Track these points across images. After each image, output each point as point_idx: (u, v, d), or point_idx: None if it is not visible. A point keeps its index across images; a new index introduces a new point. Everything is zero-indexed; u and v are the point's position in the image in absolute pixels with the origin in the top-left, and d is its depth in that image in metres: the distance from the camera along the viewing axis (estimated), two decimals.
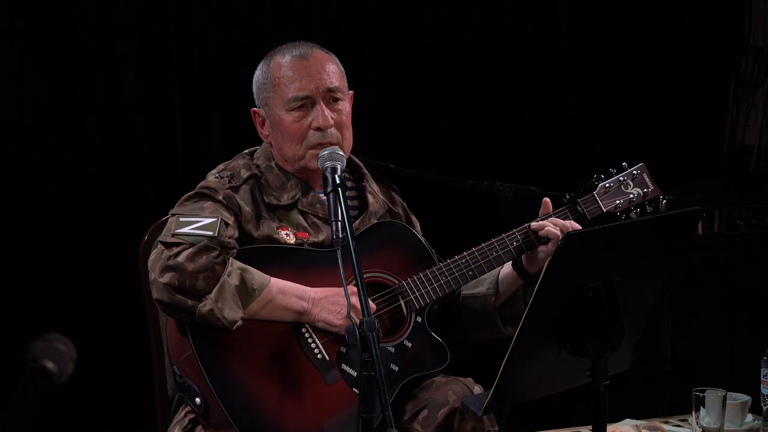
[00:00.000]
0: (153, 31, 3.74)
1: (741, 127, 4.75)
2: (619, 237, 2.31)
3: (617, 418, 2.93)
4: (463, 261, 2.68)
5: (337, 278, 2.21)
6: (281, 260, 2.57)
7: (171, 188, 3.17)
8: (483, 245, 2.70)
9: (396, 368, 2.59)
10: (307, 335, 2.54)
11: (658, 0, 4.51)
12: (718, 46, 4.63)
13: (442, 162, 4.18)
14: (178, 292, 2.43)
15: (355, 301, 2.24)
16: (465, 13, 4.24)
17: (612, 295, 2.25)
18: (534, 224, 2.69)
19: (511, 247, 2.70)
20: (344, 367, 2.54)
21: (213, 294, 2.42)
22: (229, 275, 2.45)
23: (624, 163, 2.87)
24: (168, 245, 2.47)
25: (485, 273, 2.70)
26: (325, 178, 2.43)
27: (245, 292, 2.45)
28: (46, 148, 3.63)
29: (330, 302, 2.53)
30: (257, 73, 2.72)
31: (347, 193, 2.67)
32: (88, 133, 3.68)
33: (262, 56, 2.74)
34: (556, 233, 2.65)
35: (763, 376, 2.73)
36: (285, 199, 2.65)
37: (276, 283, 2.51)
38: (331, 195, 2.35)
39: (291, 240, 2.61)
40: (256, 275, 2.49)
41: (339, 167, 2.44)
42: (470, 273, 2.68)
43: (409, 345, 2.63)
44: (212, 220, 2.51)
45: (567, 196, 2.80)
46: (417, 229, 2.86)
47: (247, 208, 2.59)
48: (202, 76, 3.82)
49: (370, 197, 2.75)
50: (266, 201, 2.64)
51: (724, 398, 2.72)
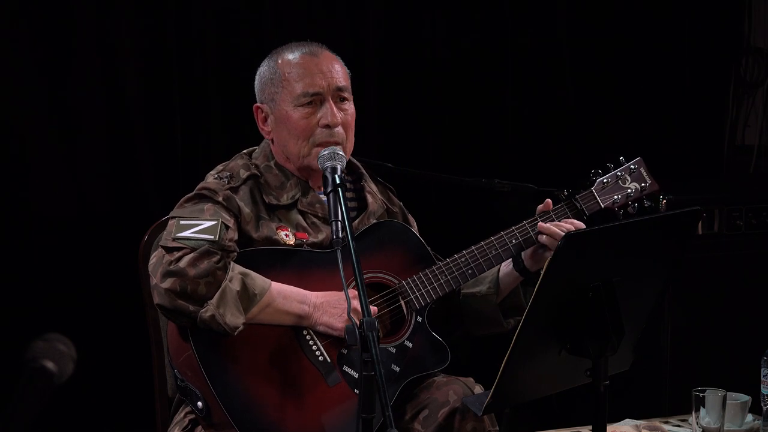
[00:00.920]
0: (153, 31, 3.74)
1: (741, 127, 4.75)
2: (619, 237, 2.31)
3: (617, 418, 2.93)
4: (463, 260, 2.68)
5: (338, 279, 2.21)
6: (281, 262, 2.56)
7: (171, 188, 3.17)
8: (482, 243, 2.70)
9: (397, 369, 2.59)
10: (308, 337, 2.54)
11: (658, 0, 4.51)
12: (718, 46, 4.63)
13: (441, 161, 4.17)
14: (180, 298, 2.42)
15: (356, 302, 2.24)
16: (464, 12, 4.24)
17: (612, 295, 2.25)
18: (541, 225, 2.69)
19: (510, 245, 2.70)
20: (345, 368, 2.54)
21: (215, 299, 2.42)
22: (230, 280, 2.44)
23: (621, 158, 2.86)
24: (169, 250, 2.47)
25: (485, 271, 2.70)
26: (325, 178, 2.43)
27: (247, 297, 2.45)
28: (46, 148, 3.62)
29: (331, 306, 2.53)
30: (262, 68, 2.71)
31: (346, 194, 2.68)
32: (88, 133, 3.68)
33: (262, 56, 2.73)
34: (559, 233, 2.65)
35: (763, 376, 2.73)
36: (284, 199, 2.65)
37: (277, 288, 2.51)
38: (331, 195, 2.34)
39: (290, 240, 2.61)
40: (258, 280, 2.48)
41: (339, 167, 2.44)
42: (470, 272, 2.68)
43: (410, 345, 2.63)
44: (213, 223, 2.50)
45: (565, 193, 2.80)
46: (414, 229, 2.86)
47: (246, 209, 2.59)
48: (202, 76, 3.82)
49: (369, 197, 2.75)
50: (266, 201, 2.63)
51: (724, 398, 2.72)
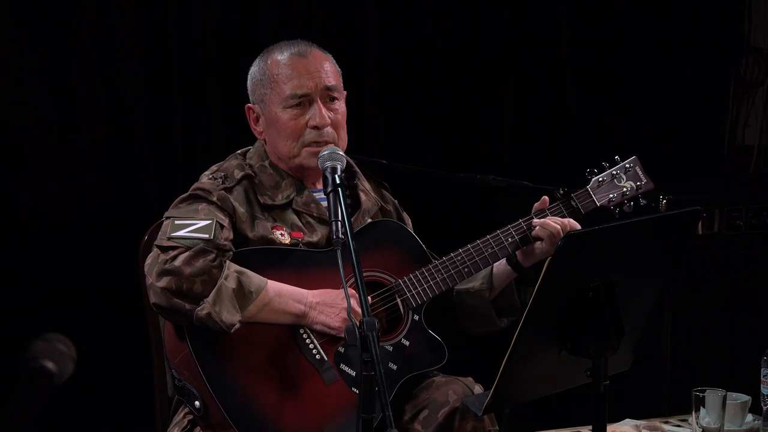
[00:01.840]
0: (153, 31, 3.74)
1: (741, 127, 4.75)
2: (619, 237, 2.31)
3: (617, 418, 2.93)
4: (459, 258, 2.68)
5: (336, 279, 2.21)
6: (278, 262, 2.56)
7: (171, 188, 3.16)
8: (478, 242, 2.70)
9: (394, 367, 2.59)
10: (305, 336, 2.54)
11: (658, 0, 4.51)
12: (718, 46, 4.63)
13: (440, 159, 4.17)
14: (176, 296, 2.42)
15: (355, 302, 2.24)
16: (464, 10, 4.24)
17: (612, 295, 2.24)
18: (536, 221, 2.69)
19: (506, 243, 2.70)
20: (343, 367, 2.54)
21: (210, 297, 2.42)
22: (226, 278, 2.44)
23: (617, 157, 2.87)
24: (164, 249, 2.47)
25: (481, 270, 2.71)
26: (325, 178, 2.42)
27: (242, 295, 2.45)
28: (46, 148, 3.63)
29: (327, 305, 2.53)
30: (253, 69, 2.72)
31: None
32: (88, 133, 3.68)
33: (259, 56, 2.74)
34: (556, 227, 2.65)
35: (763, 376, 2.73)
36: (279, 199, 2.65)
37: (273, 286, 2.51)
38: (330, 195, 2.35)
39: (286, 240, 2.61)
40: (254, 278, 2.48)
41: (339, 167, 2.44)
42: (466, 270, 2.68)
43: (407, 343, 2.63)
44: (207, 222, 2.50)
45: (561, 191, 2.80)
46: (409, 226, 2.86)
47: (241, 209, 2.59)
48: (202, 76, 3.82)
49: (363, 195, 2.75)
50: (260, 201, 2.63)
51: (724, 398, 2.72)
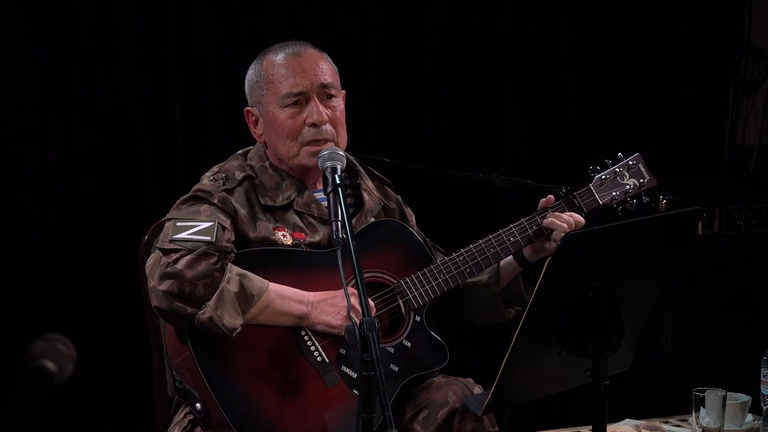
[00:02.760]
0: (153, 31, 3.74)
1: (741, 127, 4.75)
2: (619, 237, 2.31)
3: (617, 418, 2.93)
4: (461, 258, 2.68)
5: (337, 279, 2.21)
6: (280, 263, 2.56)
7: (171, 188, 3.17)
8: (480, 242, 2.70)
9: (396, 368, 2.59)
10: (306, 338, 2.54)
11: (658, 0, 4.51)
12: (718, 46, 4.63)
13: (441, 159, 4.17)
14: (178, 300, 2.42)
15: (355, 301, 2.24)
16: (464, 10, 4.24)
17: (612, 295, 2.24)
18: (545, 221, 2.69)
19: (508, 244, 2.70)
20: (344, 369, 2.54)
21: (212, 301, 2.42)
22: (228, 282, 2.44)
23: (620, 154, 2.86)
24: (166, 252, 2.47)
25: (483, 270, 2.71)
26: (325, 178, 2.42)
27: (244, 298, 2.45)
28: (46, 148, 3.62)
29: (328, 304, 2.53)
30: (250, 72, 2.72)
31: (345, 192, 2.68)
32: (88, 133, 3.68)
33: (255, 59, 2.74)
34: (563, 226, 2.66)
35: (763, 376, 2.73)
36: (280, 200, 2.65)
37: (275, 288, 2.50)
38: (330, 195, 2.34)
39: (288, 241, 2.60)
40: (255, 281, 2.48)
41: (339, 167, 2.43)
42: (468, 270, 2.68)
43: (409, 344, 2.63)
44: (209, 224, 2.50)
45: (563, 189, 2.80)
46: (412, 221, 2.86)
47: (242, 211, 2.59)
48: (202, 76, 3.82)
49: (366, 195, 2.75)
50: (261, 202, 2.63)
51: (724, 398, 2.72)
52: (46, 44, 3.59)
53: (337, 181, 2.37)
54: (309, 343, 2.53)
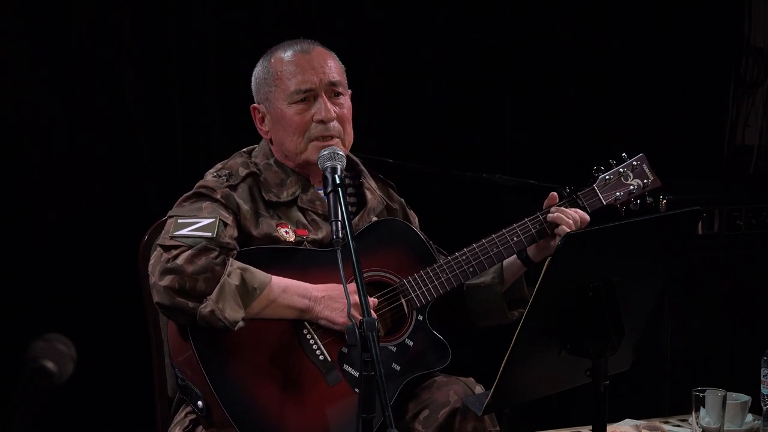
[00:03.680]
0: (153, 31, 3.74)
1: (741, 127, 4.75)
2: (619, 237, 2.31)
3: (617, 418, 2.93)
4: (464, 258, 2.68)
5: (338, 278, 2.21)
6: (282, 261, 2.56)
7: (171, 188, 3.17)
8: (483, 241, 2.70)
9: (398, 367, 2.59)
10: (308, 336, 2.54)
11: (658, 0, 4.51)
12: (718, 46, 4.63)
13: (442, 159, 4.17)
14: (179, 295, 2.42)
15: (356, 300, 2.24)
16: (465, 10, 4.24)
17: (612, 295, 2.24)
18: (549, 216, 2.69)
19: (511, 243, 2.70)
20: (346, 367, 2.54)
21: (214, 295, 2.42)
22: (229, 275, 2.44)
23: (624, 154, 2.86)
24: (167, 248, 2.47)
25: (486, 269, 2.70)
26: (325, 178, 2.43)
27: (246, 291, 2.45)
28: (46, 148, 3.63)
29: (332, 300, 2.53)
30: (257, 69, 2.72)
31: (345, 191, 2.67)
32: (89, 133, 3.68)
33: (262, 56, 2.74)
34: (569, 221, 2.66)
35: (763, 376, 2.73)
36: (285, 196, 2.65)
37: (277, 282, 2.51)
38: (331, 195, 2.35)
39: (291, 237, 2.61)
40: (257, 274, 2.48)
41: (339, 167, 2.44)
42: (471, 270, 2.68)
43: (411, 344, 2.63)
44: (211, 220, 2.51)
45: (567, 189, 2.79)
46: (415, 224, 2.86)
47: (245, 207, 2.59)
48: (202, 76, 3.82)
49: (368, 193, 2.75)
50: (265, 198, 2.63)
51: (724, 398, 2.72)
52: (47, 44, 3.59)
53: (337, 181, 2.37)
54: (311, 341, 2.53)
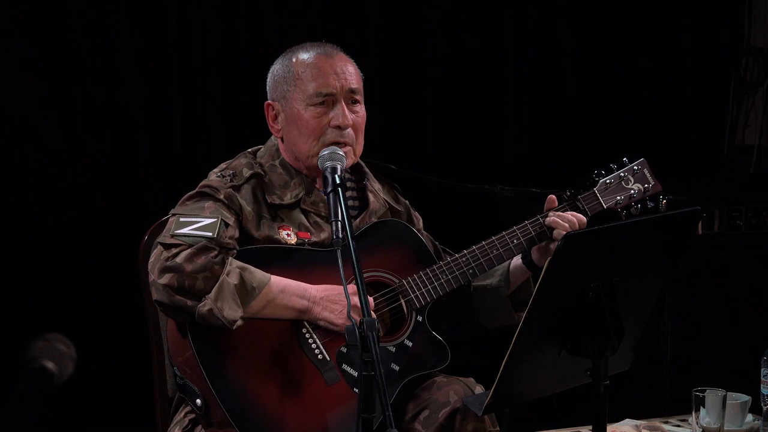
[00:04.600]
0: (153, 31, 3.74)
1: (741, 127, 4.75)
2: (619, 237, 2.31)
3: (617, 418, 2.93)
4: (464, 259, 2.68)
5: (339, 278, 2.21)
6: (282, 260, 2.57)
7: (171, 188, 3.17)
8: (484, 243, 2.70)
9: (397, 368, 2.59)
10: (307, 335, 2.54)
11: (658, 0, 4.51)
12: (718, 46, 4.63)
13: (441, 161, 4.18)
14: (178, 293, 2.42)
15: (355, 300, 2.24)
16: (465, 12, 4.24)
17: (612, 295, 2.25)
18: (547, 220, 2.69)
19: (512, 245, 2.70)
20: (345, 367, 2.54)
21: (212, 294, 2.42)
22: (228, 274, 2.44)
23: (624, 159, 2.86)
24: (167, 246, 2.47)
25: (486, 271, 2.70)
26: (325, 178, 2.43)
27: (245, 291, 2.45)
28: (47, 148, 3.63)
29: (331, 301, 2.53)
30: (276, 66, 2.71)
31: (348, 193, 2.68)
32: (89, 133, 3.68)
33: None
34: (565, 225, 2.66)
35: (763, 376, 2.73)
36: (288, 198, 2.65)
37: (276, 282, 2.51)
38: (331, 195, 2.35)
39: (292, 240, 2.61)
40: (256, 274, 2.48)
41: (339, 167, 2.44)
42: (471, 271, 2.68)
43: (410, 344, 2.63)
44: (212, 220, 2.51)
45: (567, 193, 2.79)
46: (420, 225, 2.87)
47: (248, 208, 2.59)
48: (202, 76, 3.82)
49: (371, 196, 2.75)
50: (268, 201, 2.63)
51: (724, 398, 2.72)
52: (47, 44, 3.59)
53: (337, 181, 2.37)
54: (310, 340, 2.53)
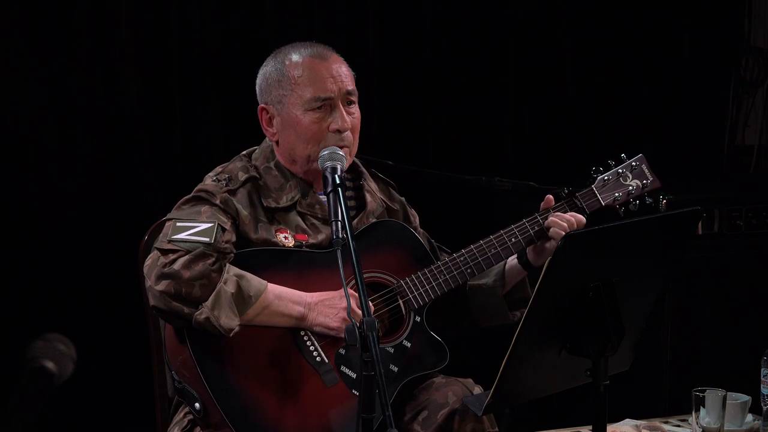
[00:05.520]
0: (153, 31, 3.74)
1: (741, 127, 4.75)
2: (619, 237, 2.31)
3: (617, 418, 2.93)
4: (462, 259, 2.68)
5: (337, 279, 2.21)
6: (279, 263, 2.56)
7: (171, 188, 3.17)
8: (481, 242, 2.70)
9: (395, 369, 2.59)
10: (305, 338, 2.54)
11: (658, 0, 4.51)
12: (718, 46, 4.63)
13: (441, 158, 4.18)
14: (175, 300, 2.42)
15: (354, 302, 2.23)
16: (465, 10, 4.24)
17: (612, 295, 2.25)
18: (550, 219, 2.69)
19: (509, 244, 2.69)
20: (343, 368, 2.54)
21: (209, 302, 2.41)
22: (225, 282, 2.43)
23: (623, 155, 2.85)
24: (164, 252, 2.46)
25: (484, 270, 2.70)
26: (325, 178, 2.42)
27: (242, 299, 2.44)
28: (46, 148, 3.63)
29: (326, 306, 2.52)
30: (266, 69, 2.69)
31: (347, 193, 2.67)
32: (88, 133, 3.68)
33: (262, 56, 2.72)
34: (563, 225, 2.65)
35: (763, 376, 2.73)
36: (284, 201, 2.64)
37: (273, 289, 2.50)
38: (331, 195, 2.34)
39: (289, 243, 2.60)
40: (253, 281, 2.48)
41: (339, 167, 2.43)
42: (469, 271, 2.68)
43: (408, 345, 2.63)
44: (209, 225, 2.50)
45: (566, 191, 2.79)
46: (416, 223, 2.86)
47: (244, 212, 2.58)
48: (202, 76, 3.82)
49: (368, 196, 2.75)
50: (264, 204, 2.62)
51: (724, 398, 2.72)
52: (47, 44, 3.59)
53: (337, 181, 2.36)
54: (308, 343, 2.53)
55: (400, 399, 2.60)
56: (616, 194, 2.81)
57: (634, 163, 2.85)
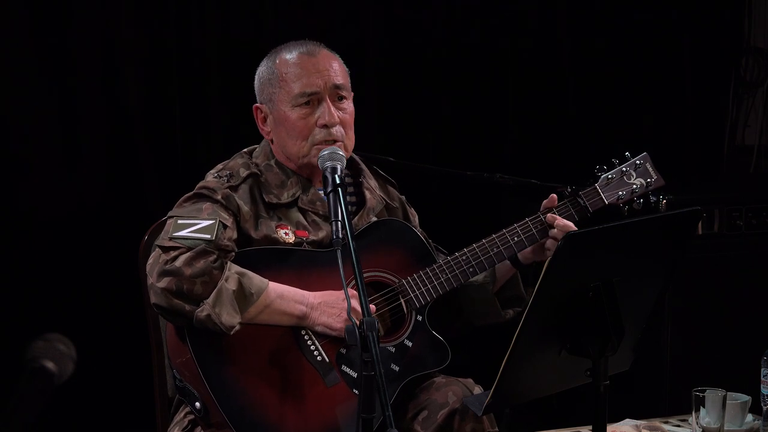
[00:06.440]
0: (153, 31, 3.74)
1: (741, 127, 4.75)
2: (619, 237, 2.31)
3: (617, 418, 2.93)
4: (464, 258, 2.68)
5: (337, 278, 2.21)
6: (281, 262, 2.56)
7: (171, 188, 3.17)
8: (483, 241, 2.69)
9: (397, 368, 2.59)
10: (306, 337, 2.54)
11: (658, 0, 4.51)
12: (718, 46, 4.63)
13: (442, 158, 4.17)
14: (176, 297, 2.42)
15: (355, 302, 2.23)
16: (465, 8, 4.24)
17: (612, 295, 2.24)
18: (556, 222, 2.69)
19: (512, 243, 2.69)
20: (344, 368, 2.54)
21: (210, 299, 2.41)
22: (226, 280, 2.44)
23: (627, 153, 2.84)
24: (165, 249, 2.46)
25: (486, 269, 2.70)
26: (325, 178, 2.42)
27: (243, 297, 2.45)
28: (47, 148, 3.63)
29: (329, 305, 2.52)
30: (261, 69, 2.71)
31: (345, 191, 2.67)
32: (89, 133, 3.68)
33: (262, 56, 2.73)
34: (562, 225, 2.66)
35: (763, 376, 2.73)
36: (285, 197, 2.64)
37: (274, 288, 2.50)
38: (331, 195, 2.34)
39: (290, 239, 2.60)
40: (255, 279, 2.48)
41: (339, 167, 2.43)
42: (471, 270, 2.67)
43: (410, 344, 2.63)
44: (210, 222, 2.50)
45: (569, 189, 2.78)
46: (415, 222, 2.86)
47: (245, 208, 2.59)
48: (202, 76, 3.82)
49: (368, 193, 2.75)
50: (266, 200, 2.63)
51: (724, 398, 2.72)
52: (48, 44, 3.59)
53: (337, 181, 2.37)
54: (309, 342, 2.53)
55: (401, 398, 2.60)
56: (620, 193, 2.80)
57: (638, 162, 2.84)
